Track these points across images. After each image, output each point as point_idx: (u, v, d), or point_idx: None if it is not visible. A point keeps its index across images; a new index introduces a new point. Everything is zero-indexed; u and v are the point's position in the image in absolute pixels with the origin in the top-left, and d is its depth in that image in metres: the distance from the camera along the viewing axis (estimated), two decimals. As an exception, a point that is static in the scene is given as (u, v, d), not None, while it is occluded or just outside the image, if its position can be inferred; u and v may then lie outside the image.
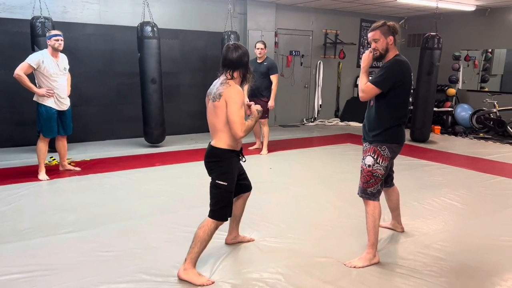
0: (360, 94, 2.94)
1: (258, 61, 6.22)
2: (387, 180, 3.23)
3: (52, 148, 5.34)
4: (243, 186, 3.00)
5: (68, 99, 4.99)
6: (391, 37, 2.90)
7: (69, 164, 5.31)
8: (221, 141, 2.66)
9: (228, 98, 2.57)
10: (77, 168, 5.26)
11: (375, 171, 2.93)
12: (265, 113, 6.21)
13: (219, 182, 2.68)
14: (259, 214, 3.86)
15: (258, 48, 6.19)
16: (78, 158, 5.75)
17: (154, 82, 6.35)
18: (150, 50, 6.28)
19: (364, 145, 3.07)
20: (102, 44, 6.98)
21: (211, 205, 2.73)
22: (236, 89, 2.61)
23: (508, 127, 7.99)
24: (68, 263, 2.91)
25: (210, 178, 2.74)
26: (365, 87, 2.89)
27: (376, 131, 2.94)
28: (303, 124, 9.58)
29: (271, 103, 6.16)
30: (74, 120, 5.23)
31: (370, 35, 2.94)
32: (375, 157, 2.93)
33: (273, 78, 6.17)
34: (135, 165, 5.55)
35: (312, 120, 9.76)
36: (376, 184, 2.95)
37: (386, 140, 2.92)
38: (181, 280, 2.69)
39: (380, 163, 2.92)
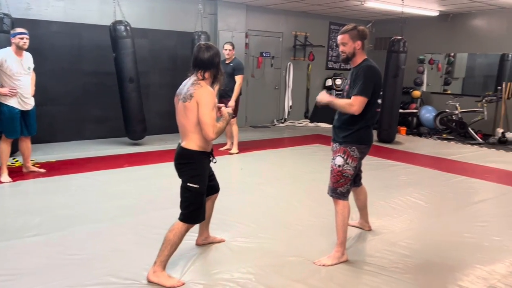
0: (352, 109, 2.88)
1: (226, 62, 6.22)
2: (356, 179, 3.31)
3: (15, 149, 5.17)
4: (211, 187, 2.98)
5: (32, 99, 4.84)
6: (359, 42, 2.96)
7: (33, 165, 5.15)
8: (192, 143, 2.63)
9: (199, 99, 2.55)
10: (42, 170, 5.11)
11: (345, 171, 3.00)
12: (232, 113, 6.21)
13: (190, 185, 2.64)
14: (230, 215, 3.87)
15: (226, 49, 6.19)
16: (43, 160, 5.58)
17: (132, 81, 6.33)
18: (126, 50, 6.26)
19: (334, 145, 3.13)
20: (68, 42, 6.81)
21: (182, 208, 2.70)
22: (208, 90, 2.60)
23: (469, 128, 8.33)
24: (33, 267, 2.82)
25: (180, 180, 2.72)
26: (356, 101, 2.86)
27: (346, 133, 3.00)
28: (274, 125, 9.66)
29: (231, 102, 6.09)
30: (38, 120, 5.08)
31: (339, 38, 3.02)
32: (345, 157, 2.99)
33: (237, 78, 6.17)
34: (103, 167, 5.44)
35: (283, 121, 9.85)
36: (345, 184, 3.02)
37: (356, 141, 2.99)
38: (150, 282, 2.67)
39: (350, 164, 2.99)
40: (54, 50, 6.67)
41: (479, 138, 8.17)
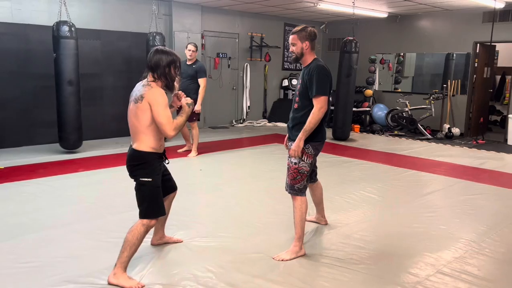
0: (321, 111, 2.97)
1: (188, 63, 6.19)
2: (311, 175, 3.41)
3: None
4: (168, 186, 2.98)
5: (-22, 103, 4.63)
6: (307, 43, 3.07)
7: (-19, 173, 4.93)
8: (143, 144, 2.63)
9: (151, 100, 2.55)
10: (-10, 177, 4.89)
11: (301, 168, 3.09)
12: (193, 116, 6.20)
13: (144, 179, 2.64)
14: (189, 215, 3.88)
15: (189, 50, 6.16)
16: (-9, 167, 5.34)
17: (71, 84, 6.04)
18: (67, 51, 5.97)
19: (289, 144, 3.21)
20: (15, 44, 6.53)
21: (139, 205, 2.69)
22: (158, 91, 2.59)
23: (419, 125, 8.74)
24: (-17, 277, 2.72)
25: (134, 181, 2.70)
26: (320, 102, 2.95)
27: (300, 131, 3.08)
28: (233, 126, 9.70)
29: (197, 106, 6.13)
30: (-15, 126, 4.86)
31: (289, 38, 3.15)
32: (300, 154, 3.08)
33: (201, 81, 6.16)
34: (56, 172, 5.28)
35: (241, 122, 9.92)
36: (302, 180, 3.12)
37: (310, 139, 3.08)
38: (110, 285, 2.64)
39: (305, 160, 3.09)
40: (0, 52, 6.38)
41: (428, 134, 8.59)
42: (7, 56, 6.45)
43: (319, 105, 2.98)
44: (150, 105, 2.55)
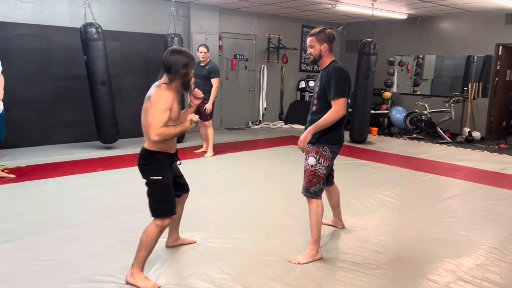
0: (339, 113, 2.95)
1: (201, 64, 6.24)
2: (328, 179, 3.38)
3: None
4: (180, 188, 2.96)
5: (1, 103, 4.73)
6: (325, 45, 3.04)
7: (2, 171, 5.02)
8: (152, 143, 2.63)
9: (153, 100, 2.55)
10: (11, 175, 4.98)
11: (317, 171, 3.07)
12: (207, 116, 6.23)
13: (154, 177, 2.64)
14: (205, 216, 3.88)
15: (201, 52, 6.21)
16: (12, 165, 5.44)
17: (103, 84, 6.24)
18: (97, 53, 6.16)
19: (306, 146, 3.19)
20: (38, 45, 6.66)
21: (150, 205, 2.69)
22: (163, 93, 2.57)
23: (438, 128, 8.59)
24: (4, 274, 2.76)
25: (145, 180, 2.70)
26: (339, 104, 2.93)
27: (318, 133, 3.06)
28: (249, 127, 9.70)
29: (208, 105, 6.16)
30: (7, 125, 4.95)
31: (307, 40, 3.12)
32: (317, 157, 3.06)
33: (214, 81, 6.19)
34: (75, 171, 5.35)
35: (257, 123, 9.91)
36: (318, 183, 3.09)
37: (328, 142, 3.06)
38: (128, 284, 2.66)
39: (322, 163, 3.06)
40: (22, 53, 6.51)
41: (447, 137, 8.44)
42: (29, 57, 6.58)
43: (337, 107, 2.95)
44: (151, 105, 2.55)
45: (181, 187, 2.98)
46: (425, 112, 8.79)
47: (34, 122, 6.74)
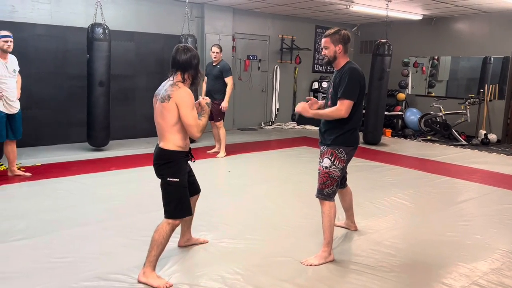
0: (341, 113, 2.93)
1: (213, 64, 6.29)
2: (341, 181, 3.36)
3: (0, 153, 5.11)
4: (191, 188, 2.95)
5: (18, 102, 4.81)
6: (340, 46, 3.02)
7: (19, 169, 5.10)
8: (170, 143, 2.65)
9: (178, 101, 2.56)
10: (27, 174, 5.06)
11: (332, 173, 3.05)
12: (218, 116, 6.25)
13: (171, 179, 2.66)
14: (217, 216, 3.89)
15: (213, 52, 6.24)
16: (29, 163, 5.53)
17: (102, 85, 6.20)
18: (100, 53, 6.14)
19: (321, 148, 3.18)
20: (54, 45, 6.77)
21: (165, 205, 2.71)
22: (186, 91, 2.61)
23: (453, 130, 8.48)
24: (20, 271, 2.80)
25: (161, 180, 2.72)
26: (344, 105, 2.92)
27: (333, 135, 3.05)
28: (261, 128, 9.70)
29: (224, 104, 6.19)
30: (24, 124, 5.03)
31: (322, 41, 3.10)
32: (332, 159, 3.05)
33: (228, 80, 6.21)
34: (90, 170, 5.41)
35: (270, 124, 9.90)
36: (332, 185, 3.07)
37: (343, 143, 3.04)
38: (140, 283, 2.68)
39: (337, 165, 3.05)
40: (39, 53, 6.62)
41: (462, 140, 8.32)
42: (45, 57, 6.69)
43: (340, 107, 2.93)
44: (177, 106, 2.57)
45: (192, 187, 2.97)
46: (440, 114, 8.68)
47: (50, 121, 6.84)
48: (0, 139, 4.69)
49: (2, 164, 5.28)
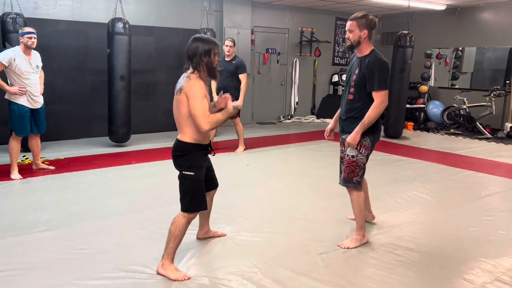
0: (382, 106, 2.96)
1: (227, 59, 6.03)
2: None
3: (25, 147, 5.24)
4: (209, 183, 2.96)
5: (41, 97, 4.91)
6: (365, 31, 2.97)
7: (43, 163, 5.23)
8: (186, 135, 2.65)
9: (187, 92, 2.55)
10: (51, 167, 5.18)
11: (359, 161, 3.08)
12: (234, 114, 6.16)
13: (186, 173, 2.67)
14: (235, 209, 3.91)
15: (226, 46, 6.02)
16: (52, 157, 5.66)
17: (123, 79, 6.20)
18: (120, 47, 6.13)
19: (343, 136, 3.16)
20: (76, 41, 6.88)
21: (181, 198, 2.72)
22: (195, 82, 2.58)
23: (477, 123, 8.27)
24: (42, 261, 2.88)
25: (178, 172, 2.74)
26: (382, 96, 2.93)
27: (357, 123, 3.02)
28: (280, 121, 9.67)
29: (240, 103, 5.90)
30: (47, 118, 5.14)
31: (347, 24, 3.03)
32: (358, 147, 3.05)
33: (242, 77, 5.99)
34: (111, 163, 5.50)
35: (289, 117, 9.86)
36: (359, 173, 3.12)
37: (368, 131, 3.03)
38: (159, 275, 2.71)
39: (363, 153, 3.08)
40: (61, 48, 6.74)
41: (487, 133, 8.11)
42: (67, 53, 6.81)
43: (380, 100, 2.93)
44: (187, 98, 2.56)
45: (210, 182, 2.98)
46: (464, 107, 8.47)
47: (72, 116, 6.97)
48: (25, 133, 4.81)
49: (27, 158, 5.42)
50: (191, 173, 2.67)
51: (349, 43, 3.02)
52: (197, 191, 2.71)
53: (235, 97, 6.07)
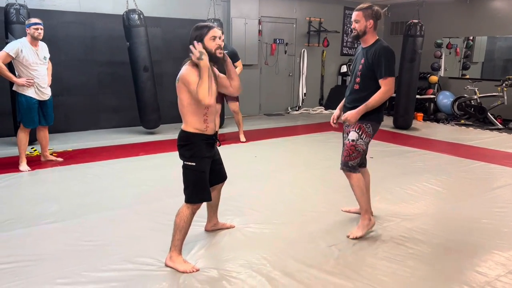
0: (389, 93, 2.99)
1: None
2: (363, 158, 3.35)
3: (33, 138, 5.25)
4: (217, 176, 2.93)
5: (49, 89, 4.90)
6: (371, 21, 3.02)
7: (51, 154, 5.23)
8: (188, 125, 2.63)
9: (183, 80, 2.53)
10: (59, 159, 5.18)
11: (358, 146, 3.10)
12: (235, 98, 6.14)
13: (187, 163, 2.65)
14: (244, 201, 3.88)
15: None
16: (60, 149, 5.66)
17: (146, 70, 6.35)
18: (139, 39, 6.25)
19: (347, 123, 3.18)
20: (83, 32, 6.85)
21: (184, 189, 2.70)
22: (188, 70, 2.53)
23: (489, 114, 8.14)
24: (51, 253, 2.88)
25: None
26: (388, 83, 2.95)
27: None
28: (288, 113, 9.60)
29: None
30: (55, 110, 5.13)
31: (353, 14, 3.08)
32: (360, 133, 3.09)
33: (239, 64, 6.07)
34: (119, 155, 5.50)
35: (297, 109, 9.78)
36: (357, 158, 3.14)
37: (371, 119, 3.09)
38: (167, 267, 2.70)
39: (364, 139, 3.10)
40: (68, 40, 6.72)
41: (498, 124, 7.98)
42: (74, 44, 6.79)
43: (387, 87, 2.97)
44: (185, 86, 2.53)
45: (218, 175, 2.95)
46: (475, 97, 8.33)
47: (80, 108, 6.97)
48: (33, 125, 4.80)
49: (35, 150, 5.43)
50: (193, 164, 2.63)
51: (355, 33, 3.08)
52: (199, 181, 2.67)
53: None
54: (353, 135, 3.10)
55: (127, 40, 6.25)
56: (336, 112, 3.41)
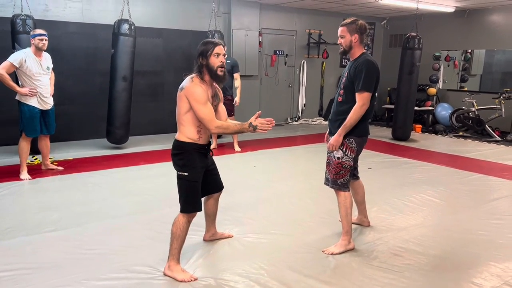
0: (363, 108, 2.96)
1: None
2: (354, 172, 3.34)
3: (34, 147, 5.29)
4: (213, 185, 2.98)
5: (52, 99, 4.96)
6: (356, 35, 3.02)
7: (52, 163, 5.27)
8: (182, 134, 2.67)
9: (188, 95, 2.58)
10: (60, 168, 5.22)
11: (344, 163, 3.09)
12: (232, 111, 6.26)
13: (180, 173, 2.68)
14: (242, 211, 3.91)
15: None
16: (61, 158, 5.71)
17: (125, 80, 6.17)
18: (124, 48, 6.13)
19: (330, 138, 3.17)
20: (85, 43, 6.94)
21: (179, 198, 2.74)
22: (196, 87, 2.59)
23: (486, 126, 8.20)
24: (51, 261, 2.90)
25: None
26: (363, 99, 2.93)
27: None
28: (288, 123, 9.66)
29: (237, 99, 6.32)
30: (57, 119, 5.19)
31: (338, 30, 3.10)
32: (344, 149, 3.07)
33: (238, 76, 6.28)
34: (119, 164, 5.54)
35: (296, 119, 9.85)
36: (345, 175, 3.12)
37: (353, 133, 3.06)
38: (165, 276, 2.72)
39: (349, 155, 3.08)
40: (71, 50, 6.81)
41: (496, 136, 8.04)
42: (77, 54, 6.87)
43: (361, 102, 2.95)
44: (188, 99, 2.59)
45: (213, 185, 2.99)
46: (473, 109, 8.40)
47: (81, 117, 7.03)
48: (35, 134, 4.85)
49: (36, 158, 5.47)
50: (185, 173, 2.67)
51: (342, 49, 3.09)
52: (190, 191, 2.71)
53: (231, 95, 6.25)
54: (337, 152, 3.08)
55: (112, 47, 6.17)
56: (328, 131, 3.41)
